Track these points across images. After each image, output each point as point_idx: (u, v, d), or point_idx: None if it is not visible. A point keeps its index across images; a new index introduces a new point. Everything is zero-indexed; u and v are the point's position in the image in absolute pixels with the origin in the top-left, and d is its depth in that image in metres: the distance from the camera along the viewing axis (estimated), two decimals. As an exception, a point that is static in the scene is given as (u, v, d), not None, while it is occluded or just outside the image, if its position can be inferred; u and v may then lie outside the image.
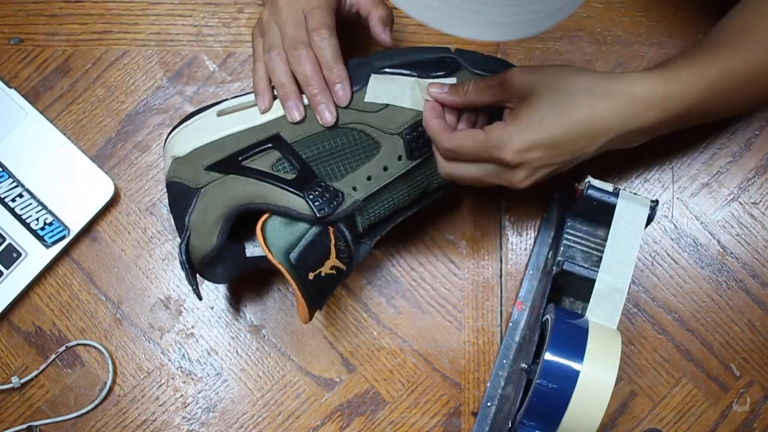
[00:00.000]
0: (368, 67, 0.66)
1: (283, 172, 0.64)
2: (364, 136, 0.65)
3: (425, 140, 0.66)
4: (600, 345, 0.60)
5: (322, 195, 0.64)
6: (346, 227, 0.65)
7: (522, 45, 0.79)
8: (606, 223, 0.65)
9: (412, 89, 0.66)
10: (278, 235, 0.63)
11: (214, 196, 0.64)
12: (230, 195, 0.64)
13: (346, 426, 0.74)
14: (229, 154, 0.65)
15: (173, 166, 0.67)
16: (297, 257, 0.63)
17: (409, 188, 0.68)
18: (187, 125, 0.67)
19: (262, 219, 0.64)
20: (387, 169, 0.66)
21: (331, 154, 0.65)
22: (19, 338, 0.75)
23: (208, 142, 0.66)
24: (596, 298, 0.63)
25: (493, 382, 0.73)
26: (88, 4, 0.80)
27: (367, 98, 0.66)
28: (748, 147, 0.78)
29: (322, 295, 0.66)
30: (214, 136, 0.66)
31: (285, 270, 0.62)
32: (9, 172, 0.76)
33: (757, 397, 0.75)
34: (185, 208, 0.66)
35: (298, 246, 0.63)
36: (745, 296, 0.76)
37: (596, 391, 0.58)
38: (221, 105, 0.68)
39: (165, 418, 0.74)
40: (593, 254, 0.69)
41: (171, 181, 0.67)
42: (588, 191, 0.66)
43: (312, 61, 0.65)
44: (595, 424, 0.58)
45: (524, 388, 0.62)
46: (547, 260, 0.74)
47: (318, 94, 0.65)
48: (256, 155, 0.65)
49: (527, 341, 0.69)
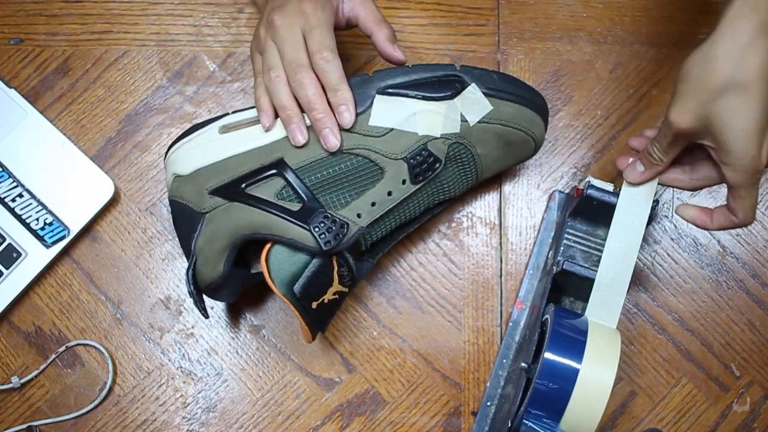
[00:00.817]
0: (371, 86, 0.65)
1: (288, 201, 0.64)
2: (369, 162, 0.64)
3: (429, 164, 0.65)
4: (599, 344, 0.60)
5: (329, 228, 0.63)
6: (349, 252, 0.65)
7: (522, 45, 0.79)
8: (606, 222, 0.65)
9: (417, 112, 0.65)
10: (282, 266, 0.63)
11: (219, 224, 0.64)
12: (236, 224, 0.64)
13: (346, 426, 0.74)
14: (233, 179, 0.64)
15: (175, 184, 0.66)
16: (301, 289, 0.63)
17: (412, 208, 0.67)
18: (189, 140, 0.67)
19: (266, 249, 0.63)
20: (391, 194, 0.65)
21: (335, 181, 0.64)
22: (19, 338, 0.75)
23: (211, 163, 0.65)
24: (596, 297, 0.63)
25: (492, 381, 0.73)
26: (88, 4, 0.80)
27: (371, 122, 0.64)
28: (748, 147, 0.78)
29: (325, 318, 0.66)
30: (217, 157, 0.65)
31: (289, 302, 0.63)
32: (9, 172, 0.76)
33: (757, 397, 0.75)
34: (190, 232, 0.65)
35: (302, 278, 0.63)
36: (745, 296, 0.76)
37: (595, 390, 0.58)
38: (224, 120, 0.67)
39: (165, 418, 0.74)
40: (593, 254, 0.69)
41: (174, 200, 0.67)
42: (588, 191, 0.66)
43: (315, 84, 0.63)
44: (594, 424, 0.58)
45: (524, 387, 0.62)
46: (547, 260, 0.74)
47: (322, 119, 0.63)
48: (260, 182, 0.64)
49: (527, 341, 0.69)
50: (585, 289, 0.64)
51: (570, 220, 0.70)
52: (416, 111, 0.64)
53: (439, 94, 0.65)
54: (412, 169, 0.65)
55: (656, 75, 0.79)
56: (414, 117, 0.65)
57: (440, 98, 0.65)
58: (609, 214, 0.65)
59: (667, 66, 0.79)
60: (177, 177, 0.66)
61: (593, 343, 0.60)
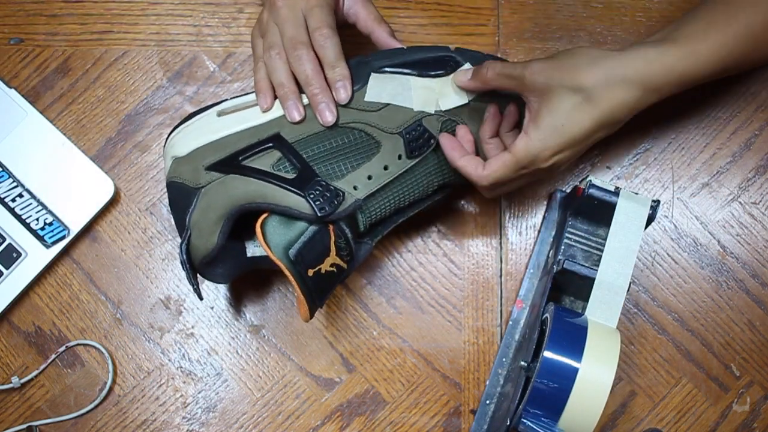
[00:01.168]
0: (368, 66, 0.67)
1: (284, 172, 0.64)
2: (365, 136, 0.66)
3: (425, 139, 0.66)
4: (599, 343, 0.60)
5: (323, 194, 0.64)
6: (347, 225, 0.65)
7: (522, 45, 0.79)
8: (607, 222, 0.65)
9: (412, 88, 0.66)
10: (278, 233, 0.63)
11: (214, 196, 0.64)
12: (231, 194, 0.64)
13: (346, 426, 0.74)
14: (230, 154, 0.65)
15: (173, 166, 0.67)
16: (296, 253, 0.63)
17: (409, 187, 0.68)
18: (188, 125, 0.67)
19: (262, 218, 0.64)
20: (387, 168, 0.66)
21: (331, 154, 0.65)
22: (19, 338, 0.75)
23: (209, 141, 0.66)
24: (596, 296, 0.63)
25: (492, 380, 0.73)
26: (88, 4, 0.80)
27: (367, 97, 0.66)
28: (748, 147, 0.78)
29: (322, 292, 0.66)
30: (215, 136, 0.66)
31: (284, 266, 0.62)
32: (9, 172, 0.76)
33: (757, 397, 0.75)
34: (186, 208, 0.66)
35: (298, 243, 0.63)
36: (745, 296, 0.76)
37: (594, 389, 0.58)
38: (222, 105, 0.68)
39: (165, 418, 0.74)
40: (594, 253, 0.69)
41: (171, 182, 0.67)
42: (589, 190, 0.66)
43: (312, 60, 0.65)
44: (593, 422, 0.58)
45: (523, 386, 0.62)
46: (548, 259, 0.74)
47: (319, 94, 0.65)
48: (256, 155, 0.65)
49: (527, 339, 0.69)
50: (585, 289, 0.64)
51: (571, 220, 0.70)
52: (411, 87, 0.66)
53: (433, 72, 0.66)
54: (408, 144, 0.66)
55: (656, 75, 0.79)
56: (409, 93, 0.66)
57: (435, 75, 0.66)
58: (610, 214, 0.65)
59: (667, 66, 0.79)
60: (175, 159, 0.67)
61: (593, 342, 0.60)
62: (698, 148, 0.78)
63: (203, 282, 0.75)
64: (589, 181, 0.66)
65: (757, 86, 0.79)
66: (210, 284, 0.76)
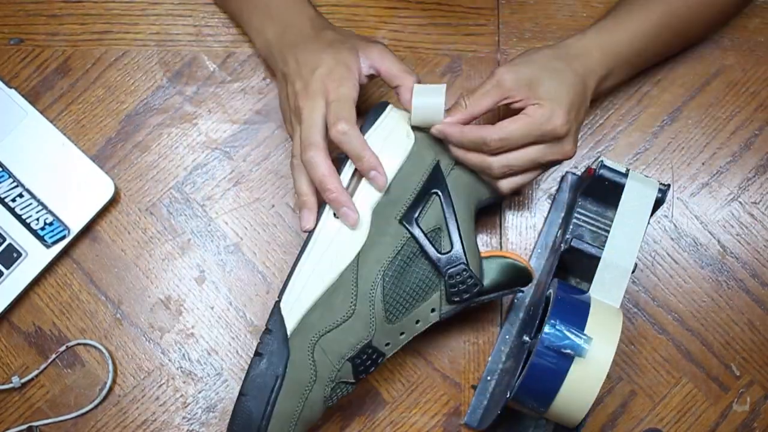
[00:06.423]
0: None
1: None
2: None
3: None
4: (601, 320, 0.60)
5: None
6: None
7: (522, 45, 0.79)
8: (617, 204, 0.65)
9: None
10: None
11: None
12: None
13: (346, 426, 0.74)
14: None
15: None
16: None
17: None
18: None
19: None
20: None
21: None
22: (19, 338, 0.75)
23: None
24: (600, 275, 0.63)
25: (494, 356, 0.73)
26: (88, 4, 0.80)
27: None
28: (748, 147, 0.78)
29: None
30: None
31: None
32: (9, 172, 0.76)
33: (757, 397, 0.75)
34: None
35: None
36: (745, 296, 0.76)
37: (594, 365, 0.58)
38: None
39: (165, 418, 0.74)
40: (602, 235, 0.69)
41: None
42: (600, 170, 0.66)
43: (324, 162, 0.63)
44: (591, 398, 0.58)
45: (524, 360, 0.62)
46: (556, 239, 0.74)
47: (336, 198, 0.63)
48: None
49: (531, 316, 0.69)
50: (591, 270, 0.64)
51: (581, 200, 0.70)
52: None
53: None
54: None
55: (656, 75, 0.79)
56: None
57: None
58: (620, 196, 0.65)
59: (667, 66, 0.79)
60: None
61: (595, 318, 0.60)
62: (698, 148, 0.78)
63: (203, 280, 0.75)
64: (600, 161, 0.66)
65: (757, 86, 0.79)
66: (210, 284, 0.76)
